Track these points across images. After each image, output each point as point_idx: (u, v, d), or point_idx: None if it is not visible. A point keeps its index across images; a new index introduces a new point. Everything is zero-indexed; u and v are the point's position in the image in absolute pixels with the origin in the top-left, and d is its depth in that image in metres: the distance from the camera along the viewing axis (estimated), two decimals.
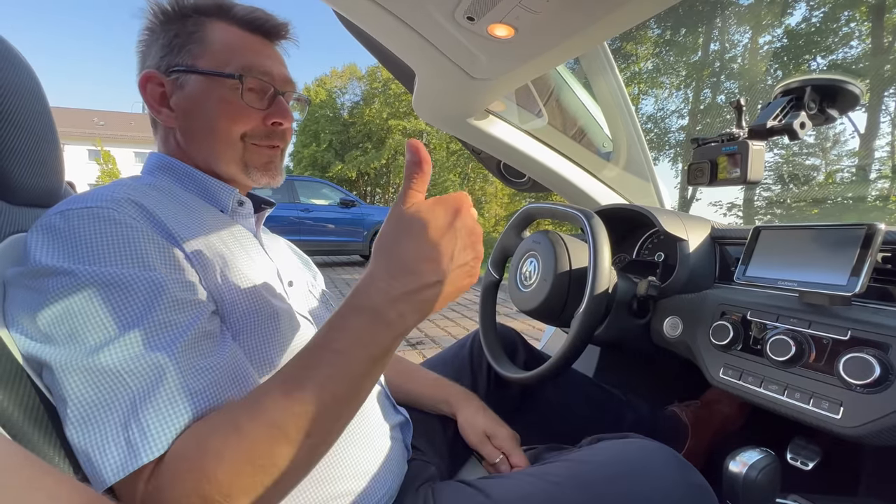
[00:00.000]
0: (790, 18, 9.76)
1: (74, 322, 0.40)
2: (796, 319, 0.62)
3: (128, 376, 0.39)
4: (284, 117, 0.61)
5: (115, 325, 0.40)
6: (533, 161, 1.11)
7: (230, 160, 0.60)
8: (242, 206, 0.63)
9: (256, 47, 0.60)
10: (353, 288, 0.42)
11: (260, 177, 0.62)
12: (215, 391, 0.41)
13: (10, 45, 0.50)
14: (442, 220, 0.42)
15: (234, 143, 0.59)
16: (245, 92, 0.58)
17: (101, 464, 0.37)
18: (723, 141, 0.71)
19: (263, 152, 0.62)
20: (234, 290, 0.51)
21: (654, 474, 0.50)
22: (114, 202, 0.46)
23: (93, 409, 0.38)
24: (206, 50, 0.58)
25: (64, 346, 0.39)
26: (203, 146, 0.60)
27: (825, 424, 0.56)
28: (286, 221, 6.86)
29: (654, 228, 1.05)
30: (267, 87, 0.60)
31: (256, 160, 0.61)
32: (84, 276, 0.41)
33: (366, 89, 19.89)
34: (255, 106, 0.59)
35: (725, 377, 0.69)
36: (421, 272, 0.40)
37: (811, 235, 0.66)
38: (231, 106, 0.58)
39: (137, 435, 0.37)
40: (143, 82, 0.59)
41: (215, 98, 0.58)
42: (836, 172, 9.31)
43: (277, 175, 0.64)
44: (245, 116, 0.59)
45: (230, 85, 0.58)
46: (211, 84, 0.58)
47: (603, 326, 0.83)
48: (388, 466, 0.59)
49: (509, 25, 0.64)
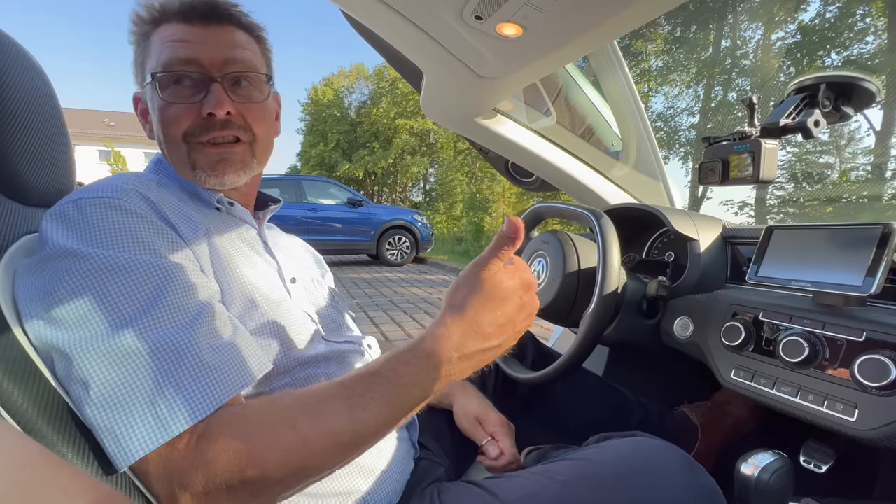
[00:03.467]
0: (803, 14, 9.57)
1: (89, 304, 0.41)
2: (810, 320, 0.61)
3: (148, 356, 0.40)
4: (216, 105, 0.55)
5: (130, 307, 0.41)
6: (541, 160, 1.10)
7: (180, 164, 0.59)
8: (233, 206, 0.61)
9: (186, 37, 0.56)
10: (427, 332, 0.45)
11: (207, 178, 0.58)
12: (233, 367, 0.43)
13: (23, 49, 0.51)
14: (517, 297, 0.46)
15: (179, 146, 0.57)
16: (163, 90, 0.55)
17: (129, 439, 0.38)
18: (735, 139, 0.70)
19: (211, 151, 0.57)
20: (230, 284, 0.52)
21: (663, 474, 0.49)
22: (123, 192, 0.48)
23: (116, 390, 0.39)
24: (150, 58, 0.57)
25: (79, 328, 0.40)
26: (165, 155, 0.61)
27: (840, 427, 0.55)
28: (294, 221, 6.91)
29: (664, 228, 1.04)
30: (193, 76, 0.55)
31: (203, 161, 0.57)
32: (97, 260, 0.42)
33: (373, 89, 19.93)
34: (180, 101, 0.56)
35: (737, 378, 0.68)
36: (490, 337, 0.45)
37: (825, 235, 0.64)
38: (162, 108, 0.56)
39: (165, 410, 0.39)
40: (134, 103, 0.63)
41: (155, 104, 0.58)
42: (850, 171, 9.15)
43: (229, 174, 0.58)
44: (179, 115, 0.56)
45: (154, 87, 0.56)
46: (151, 91, 0.58)
47: (612, 327, 0.82)
48: (394, 464, 0.59)
49: (517, 24, 0.64)
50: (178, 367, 0.40)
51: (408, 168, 18.30)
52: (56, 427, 0.39)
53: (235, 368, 0.43)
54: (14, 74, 0.48)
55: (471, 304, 0.45)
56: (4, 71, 0.47)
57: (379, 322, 3.73)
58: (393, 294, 5.09)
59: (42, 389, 0.40)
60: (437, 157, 18.27)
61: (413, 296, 5.03)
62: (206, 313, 0.44)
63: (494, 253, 0.45)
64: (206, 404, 0.40)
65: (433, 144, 18.39)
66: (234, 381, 0.43)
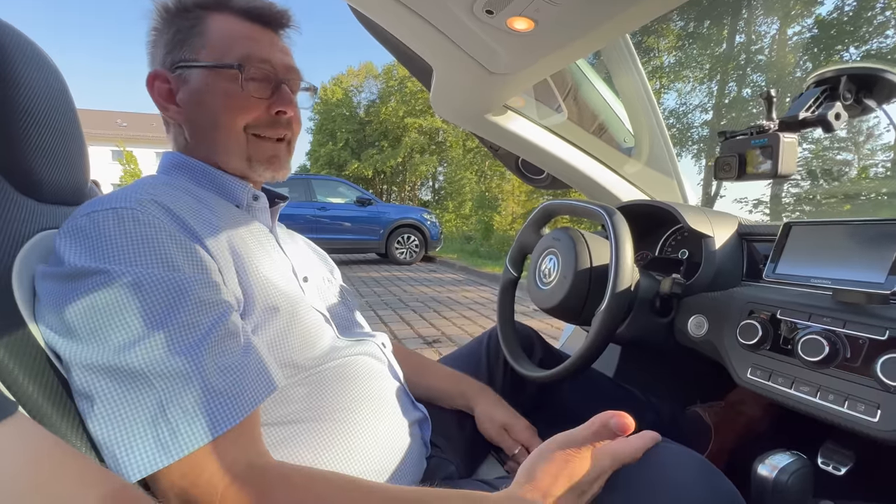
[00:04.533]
0: (820, 8, 9.36)
1: (100, 320, 0.41)
2: (830, 318, 0.60)
3: (154, 377, 0.39)
4: (287, 105, 0.60)
5: (140, 324, 0.41)
6: (552, 157, 1.09)
7: (234, 153, 0.60)
8: (258, 200, 0.63)
9: (256, 36, 0.60)
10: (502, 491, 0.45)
11: (263, 171, 0.61)
12: (239, 389, 0.42)
13: (39, 48, 0.52)
14: (595, 484, 0.46)
15: (238, 136, 0.59)
16: (245, 81, 0.58)
17: (127, 460, 0.38)
18: (752, 134, 0.68)
19: (267, 145, 0.61)
20: (252, 286, 0.51)
21: (682, 481, 0.48)
22: (137, 203, 0.47)
23: (120, 407, 0.39)
24: (207, 43, 0.58)
25: (89, 343, 0.40)
26: (208, 140, 0.60)
27: (861, 428, 0.53)
28: (303, 220, 6.96)
29: (677, 225, 1.02)
30: (269, 75, 0.59)
31: (260, 154, 0.61)
32: (111, 276, 0.42)
33: (382, 87, 19.95)
34: (257, 95, 0.59)
35: (754, 377, 0.66)
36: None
37: (846, 231, 0.63)
38: (233, 97, 0.58)
39: (167, 434, 0.38)
40: (150, 81, 0.60)
41: (217, 90, 0.58)
42: (869, 167, 8.93)
43: (282, 169, 0.63)
44: (247, 107, 0.58)
45: (230, 76, 0.58)
46: (213, 76, 0.58)
47: (624, 325, 0.81)
48: (406, 462, 0.59)
49: (529, 18, 0.63)
50: (184, 390, 0.40)
51: (417, 167, 18.31)
52: (69, 421, 0.40)
53: (244, 390, 0.43)
54: (29, 73, 0.49)
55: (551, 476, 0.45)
56: (19, 69, 0.48)
57: (388, 321, 3.74)
58: (402, 293, 5.11)
59: (56, 384, 0.41)
60: (447, 156, 18.24)
61: (422, 294, 5.04)
62: (217, 330, 0.43)
63: (592, 438, 0.45)
64: (213, 429, 0.40)
65: (442, 143, 18.38)
66: (242, 405, 0.42)
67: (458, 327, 3.54)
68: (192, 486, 0.39)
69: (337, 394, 0.56)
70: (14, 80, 0.47)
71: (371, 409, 0.58)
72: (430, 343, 3.07)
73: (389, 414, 0.61)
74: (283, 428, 0.52)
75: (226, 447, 0.41)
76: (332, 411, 0.55)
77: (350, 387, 0.58)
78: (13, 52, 0.48)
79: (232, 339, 0.45)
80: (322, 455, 0.52)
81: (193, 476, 0.39)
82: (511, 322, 0.92)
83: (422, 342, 3.09)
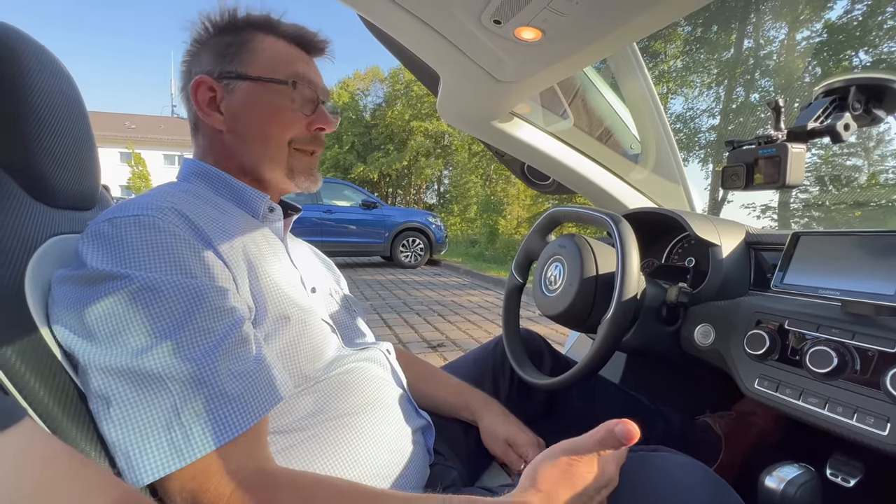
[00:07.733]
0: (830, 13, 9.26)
1: (118, 324, 0.42)
2: (839, 330, 0.59)
3: (170, 381, 0.40)
4: (328, 123, 0.65)
5: (157, 329, 0.42)
6: (558, 163, 1.09)
7: (276, 164, 0.63)
8: (273, 212, 0.64)
9: (302, 58, 0.65)
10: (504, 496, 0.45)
11: (303, 181, 0.66)
12: (251, 395, 0.44)
13: (52, 54, 0.53)
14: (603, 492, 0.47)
15: (283, 148, 0.63)
16: (295, 98, 0.62)
17: (141, 463, 0.39)
18: (760, 143, 0.68)
19: (306, 159, 0.66)
20: (264, 295, 0.52)
21: (688, 495, 0.48)
22: (158, 210, 0.48)
23: (135, 410, 0.40)
24: (257, 59, 0.61)
25: (107, 346, 0.41)
26: (252, 149, 0.62)
27: (870, 441, 0.53)
28: (309, 222, 6.99)
29: (684, 233, 1.02)
30: (312, 95, 0.64)
31: (301, 166, 0.65)
32: (130, 280, 0.43)
33: (388, 91, 20.04)
34: (304, 112, 0.63)
35: (761, 388, 0.66)
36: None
37: (855, 242, 0.62)
38: (282, 111, 0.61)
39: (181, 437, 0.39)
40: (194, 86, 0.61)
41: (267, 103, 0.61)
42: (879, 174, 8.83)
43: (318, 180, 0.68)
44: (293, 122, 0.62)
45: (282, 91, 0.61)
46: (263, 90, 0.61)
47: (631, 333, 0.81)
48: (409, 469, 0.59)
49: (536, 28, 0.63)
50: (198, 394, 0.41)
51: (422, 170, 18.35)
52: (79, 426, 0.40)
53: (255, 397, 0.44)
54: (42, 79, 0.49)
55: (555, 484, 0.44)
56: (32, 75, 0.48)
57: (392, 324, 3.74)
58: (406, 296, 5.11)
59: (67, 389, 0.41)
60: (452, 160, 18.27)
61: (427, 298, 5.04)
62: (231, 337, 0.45)
63: (597, 447, 0.44)
64: (224, 433, 0.41)
65: (448, 147, 18.40)
66: (253, 411, 0.43)
67: (462, 331, 3.54)
68: (201, 490, 0.40)
69: (341, 402, 0.56)
70: (29, 86, 0.48)
71: (374, 416, 0.59)
72: (434, 347, 3.07)
73: (393, 421, 0.61)
74: (288, 436, 0.52)
75: (236, 452, 0.42)
76: (336, 418, 0.55)
77: (354, 395, 0.58)
78: (29, 59, 0.48)
79: (245, 346, 0.46)
80: (325, 461, 0.53)
81: (203, 479, 0.40)
82: (517, 329, 0.91)
83: (426, 346, 3.09)
